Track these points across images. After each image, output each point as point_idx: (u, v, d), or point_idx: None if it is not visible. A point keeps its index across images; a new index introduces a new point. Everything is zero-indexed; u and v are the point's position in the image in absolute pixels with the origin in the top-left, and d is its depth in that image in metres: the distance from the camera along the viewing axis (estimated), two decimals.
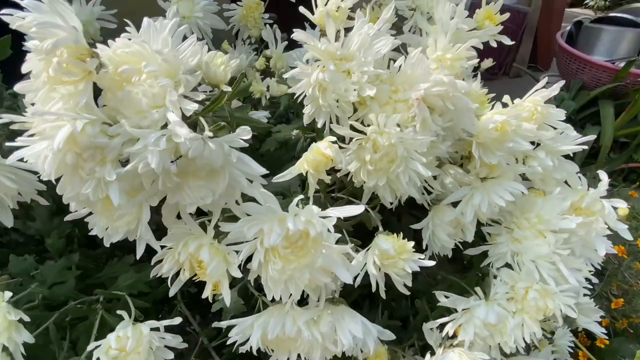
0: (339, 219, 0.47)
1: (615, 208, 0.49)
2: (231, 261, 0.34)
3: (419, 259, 0.40)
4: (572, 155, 0.48)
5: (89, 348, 0.36)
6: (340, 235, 0.33)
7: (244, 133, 0.30)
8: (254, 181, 0.32)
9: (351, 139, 0.40)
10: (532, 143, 0.48)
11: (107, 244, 0.34)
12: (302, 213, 0.32)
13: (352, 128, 0.40)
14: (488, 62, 1.11)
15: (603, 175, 0.49)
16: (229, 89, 0.34)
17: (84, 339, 0.46)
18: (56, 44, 0.26)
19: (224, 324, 0.41)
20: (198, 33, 0.58)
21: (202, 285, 0.65)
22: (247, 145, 0.30)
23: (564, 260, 0.47)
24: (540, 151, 0.48)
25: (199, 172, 0.31)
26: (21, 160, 0.30)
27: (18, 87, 0.30)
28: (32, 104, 0.30)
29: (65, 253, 0.55)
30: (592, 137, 0.48)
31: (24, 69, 0.29)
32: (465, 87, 0.41)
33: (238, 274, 0.34)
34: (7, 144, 0.29)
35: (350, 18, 0.44)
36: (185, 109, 0.29)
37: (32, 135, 0.29)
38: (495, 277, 0.50)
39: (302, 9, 0.40)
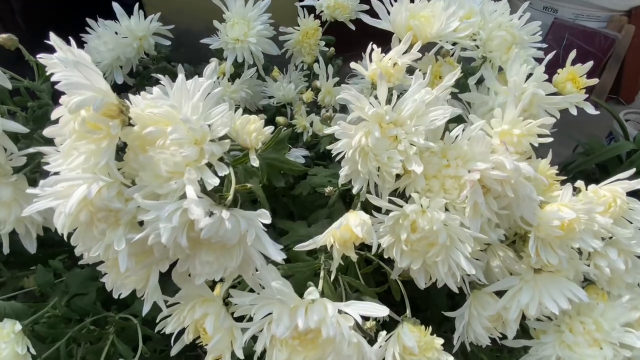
0: (363, 283, 0.43)
1: None
2: (236, 336, 0.32)
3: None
4: None
5: None
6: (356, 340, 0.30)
7: (264, 217, 0.27)
8: (269, 264, 0.29)
9: (388, 211, 0.36)
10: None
11: (115, 296, 0.33)
12: (316, 308, 0.28)
13: (390, 201, 0.35)
14: None
15: None
16: (257, 162, 0.31)
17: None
18: (80, 104, 0.24)
19: None
20: (249, 58, 0.56)
21: None
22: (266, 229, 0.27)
23: None
24: (611, 249, 0.40)
25: (213, 245, 0.28)
26: None
27: (47, 132, 0.29)
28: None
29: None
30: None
31: (54, 115, 0.28)
32: (531, 172, 0.35)
33: (241, 356, 0.31)
34: (28, 191, 0.28)
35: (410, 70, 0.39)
36: (207, 182, 0.27)
37: None
38: None
39: (353, 65, 0.36)
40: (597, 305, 0.42)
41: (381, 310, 0.29)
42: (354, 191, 0.37)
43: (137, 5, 0.53)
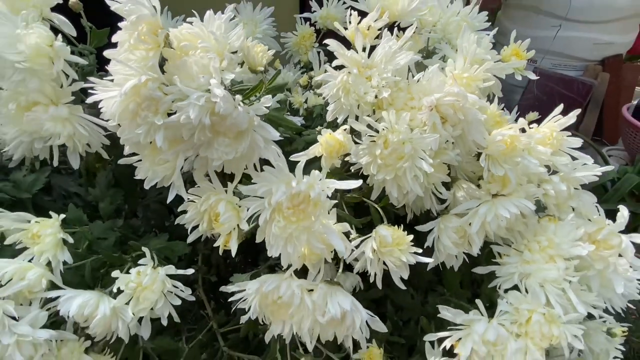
0: (348, 214, 0.51)
1: (635, 244, 0.47)
2: (242, 216, 0.39)
3: (416, 253, 0.42)
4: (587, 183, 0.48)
5: (113, 274, 0.41)
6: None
7: (268, 101, 0.36)
8: (271, 145, 0.38)
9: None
10: (549, 170, 0.50)
11: (146, 187, 0.41)
12: (306, 178, 0.36)
13: (367, 125, 0.45)
14: (533, 115, 1.12)
15: (624, 210, 0.48)
16: (262, 69, 0.41)
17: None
18: (139, 17, 0.35)
19: (229, 288, 0.45)
20: None
21: (220, 275, 0.70)
22: (267, 111, 0.36)
23: (574, 288, 0.46)
24: (554, 177, 0.49)
25: (228, 132, 0.37)
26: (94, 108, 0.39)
27: (107, 53, 0.39)
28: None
29: (112, 218, 0.64)
30: (610, 168, 0.48)
31: (114, 38, 0.38)
32: (476, 100, 0.44)
33: (245, 227, 0.38)
34: (91, 78, 0.38)
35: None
36: (224, 79, 0.36)
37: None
38: (502, 299, 0.49)
39: (335, 24, 0.48)
40: (549, 226, 0.49)
41: (356, 183, 0.37)
42: (339, 121, 0.46)
43: (166, 7, 0.66)
